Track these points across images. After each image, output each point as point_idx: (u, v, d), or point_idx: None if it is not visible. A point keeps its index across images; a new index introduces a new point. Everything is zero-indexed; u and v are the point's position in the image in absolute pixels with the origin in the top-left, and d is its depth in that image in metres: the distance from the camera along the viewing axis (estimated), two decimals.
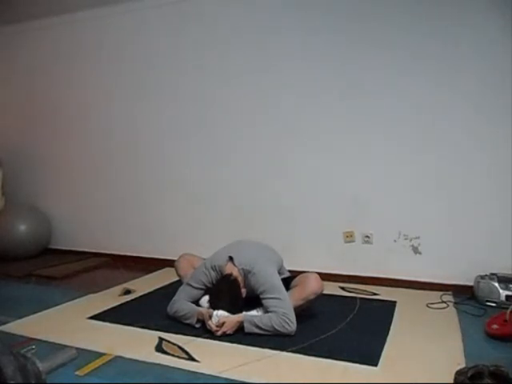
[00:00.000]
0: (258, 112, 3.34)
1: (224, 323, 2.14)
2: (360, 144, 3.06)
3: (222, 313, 2.17)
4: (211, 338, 2.14)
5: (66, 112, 4.12)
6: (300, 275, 2.42)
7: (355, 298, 2.76)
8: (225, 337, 2.13)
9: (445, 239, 2.88)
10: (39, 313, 2.57)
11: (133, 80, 3.78)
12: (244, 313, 2.25)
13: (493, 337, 2.10)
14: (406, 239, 2.98)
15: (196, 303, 2.40)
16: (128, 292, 2.99)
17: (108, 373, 1.82)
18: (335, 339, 2.13)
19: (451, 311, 2.51)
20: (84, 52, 3.97)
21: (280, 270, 2.47)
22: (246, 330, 2.15)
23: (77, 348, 1.99)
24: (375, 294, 2.84)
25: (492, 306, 2.52)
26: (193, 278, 2.42)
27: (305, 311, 2.30)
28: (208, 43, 3.47)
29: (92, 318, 2.48)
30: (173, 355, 1.98)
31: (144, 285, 3.14)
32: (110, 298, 2.84)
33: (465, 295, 2.71)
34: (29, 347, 1.99)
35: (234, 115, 3.43)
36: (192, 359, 1.94)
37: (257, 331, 2.14)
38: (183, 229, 3.69)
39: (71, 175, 4.18)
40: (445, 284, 2.85)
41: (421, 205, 2.92)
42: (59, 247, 4.26)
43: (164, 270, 3.52)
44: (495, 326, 2.12)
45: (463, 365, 1.76)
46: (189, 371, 1.83)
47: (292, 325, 2.14)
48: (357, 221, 3.10)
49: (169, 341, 2.13)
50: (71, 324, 2.40)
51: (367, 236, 3.08)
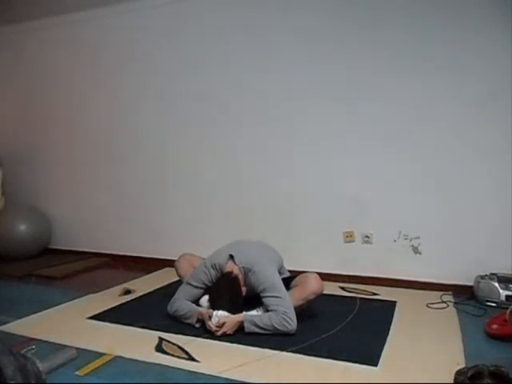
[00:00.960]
0: (259, 112, 3.35)
1: (224, 323, 2.14)
2: (360, 144, 3.06)
3: (222, 313, 2.17)
4: (211, 338, 2.14)
5: (67, 112, 4.12)
6: (300, 275, 2.42)
7: (355, 298, 2.76)
8: (225, 337, 2.13)
9: (445, 239, 2.88)
10: (39, 313, 2.57)
11: (133, 80, 3.78)
12: (244, 313, 2.25)
13: (493, 337, 2.10)
14: (406, 239, 2.98)
15: (196, 303, 2.40)
16: (128, 292, 2.99)
17: (108, 373, 1.82)
18: (335, 339, 2.13)
19: (451, 311, 2.51)
20: (84, 52, 3.97)
21: (280, 270, 2.47)
22: (247, 330, 2.15)
23: (77, 348, 1.99)
24: (375, 294, 2.84)
25: (492, 306, 2.53)
26: (193, 277, 2.42)
27: (305, 311, 2.30)
28: (208, 43, 3.46)
29: (92, 318, 2.48)
30: (173, 355, 1.98)
31: (144, 285, 3.14)
32: (110, 298, 2.84)
33: (465, 295, 2.71)
34: (29, 347, 1.98)
35: (235, 115, 3.43)
36: (192, 359, 1.94)
37: (257, 331, 2.14)
38: (183, 229, 3.69)
39: (71, 175, 4.18)
40: (445, 284, 2.85)
41: (421, 205, 2.92)
42: (59, 247, 4.26)
43: (164, 270, 3.52)
44: (495, 326, 2.12)
45: (463, 365, 1.76)
46: (189, 371, 1.83)
47: (292, 323, 2.14)
48: (357, 221, 3.10)
49: (169, 341, 2.13)
50: (71, 324, 2.40)
51: (367, 236, 3.08)
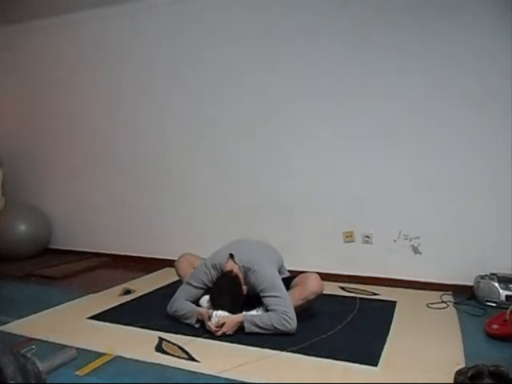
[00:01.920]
0: (259, 112, 3.34)
1: (224, 324, 2.14)
2: (360, 144, 3.06)
3: (222, 313, 2.17)
4: (211, 338, 2.14)
5: (67, 112, 4.12)
6: (300, 275, 2.42)
7: (355, 298, 2.76)
8: (225, 337, 2.13)
9: (445, 239, 2.88)
10: (39, 313, 2.57)
11: (133, 80, 3.78)
12: (244, 313, 2.25)
13: (493, 337, 2.10)
14: (406, 239, 2.98)
15: (196, 303, 2.40)
16: (128, 292, 2.99)
17: (108, 373, 1.82)
18: (335, 339, 2.12)
19: (451, 311, 2.51)
20: (85, 52, 3.97)
21: (280, 270, 2.47)
22: (247, 330, 2.15)
23: (77, 348, 1.99)
24: (375, 294, 2.84)
25: (492, 306, 2.52)
26: (193, 277, 2.42)
27: (305, 311, 2.30)
28: (208, 43, 3.46)
29: (92, 318, 2.48)
30: (173, 355, 1.98)
31: (144, 285, 3.14)
32: (110, 298, 2.84)
33: (465, 295, 2.71)
34: (29, 347, 1.99)
35: (235, 115, 3.43)
36: (192, 359, 1.94)
37: (257, 330, 2.14)
38: (183, 229, 3.69)
39: (71, 175, 4.17)
40: (445, 284, 2.85)
41: (421, 205, 2.92)
42: (59, 247, 4.26)
43: (164, 270, 3.52)
44: (495, 326, 2.12)
45: (463, 365, 1.76)
46: (189, 371, 1.83)
47: (292, 323, 2.14)
48: (357, 221, 3.10)
49: (169, 341, 2.13)
50: (71, 324, 2.40)
51: (367, 236, 3.08)
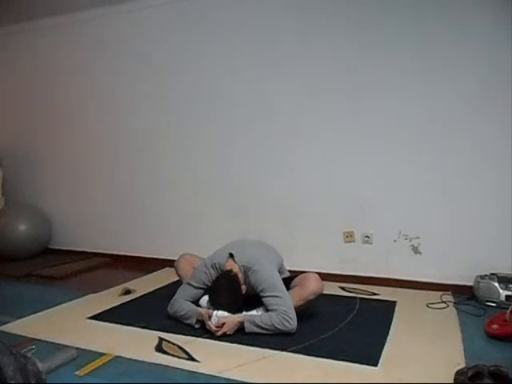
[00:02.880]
0: (259, 111, 3.34)
1: (224, 324, 2.14)
2: (360, 144, 3.06)
3: (222, 313, 2.17)
4: (211, 338, 2.14)
5: (67, 112, 4.12)
6: (300, 275, 2.42)
7: (355, 298, 2.75)
8: (225, 337, 2.13)
9: (445, 239, 2.88)
10: (39, 313, 2.57)
11: (133, 80, 3.78)
12: (244, 313, 2.25)
13: (493, 337, 2.10)
14: (406, 239, 2.98)
15: (196, 303, 2.40)
16: (128, 292, 2.99)
17: (108, 373, 1.82)
18: (335, 339, 2.12)
19: (451, 311, 2.51)
20: (84, 52, 3.97)
21: (280, 270, 2.47)
22: (247, 330, 2.15)
23: (77, 348, 1.99)
24: (375, 294, 2.84)
25: (492, 306, 2.52)
26: (193, 278, 2.42)
27: (305, 311, 2.30)
28: (208, 43, 3.46)
29: (92, 318, 2.48)
30: (173, 355, 1.98)
31: (144, 285, 3.14)
32: (110, 298, 2.84)
33: (465, 295, 2.71)
34: (29, 347, 1.99)
35: (235, 115, 3.43)
36: (192, 359, 1.94)
37: (257, 330, 2.14)
38: (183, 229, 3.69)
39: (71, 175, 4.17)
40: (445, 284, 2.85)
41: (421, 205, 2.92)
42: (59, 247, 4.26)
43: (164, 270, 3.52)
44: (495, 326, 2.12)
45: (463, 365, 1.76)
46: (189, 371, 1.83)
47: (292, 322, 2.14)
48: (357, 221, 3.10)
49: (169, 341, 2.13)
50: (71, 324, 2.39)
51: (367, 236, 3.08)
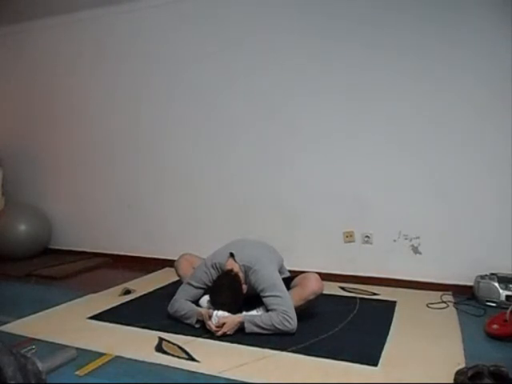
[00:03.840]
0: (259, 112, 3.34)
1: (224, 324, 2.14)
2: (360, 144, 3.06)
3: (222, 313, 2.17)
4: (211, 338, 2.14)
5: (67, 112, 4.12)
6: (300, 275, 2.42)
7: (355, 298, 2.75)
8: (225, 337, 2.13)
9: (445, 239, 2.88)
10: (39, 313, 2.57)
11: (133, 80, 3.78)
12: (244, 313, 2.25)
13: (493, 337, 2.10)
14: (406, 239, 2.98)
15: (196, 303, 2.40)
16: (128, 292, 2.99)
17: (108, 373, 1.82)
18: (335, 339, 2.12)
19: (451, 311, 2.51)
20: (84, 52, 3.97)
21: (280, 270, 2.47)
22: (247, 330, 2.15)
23: (77, 348, 1.99)
24: (375, 294, 2.84)
25: (492, 306, 2.53)
26: (193, 277, 2.42)
27: (305, 311, 2.30)
28: (209, 43, 3.46)
29: (92, 318, 2.47)
30: (173, 355, 1.98)
31: (144, 285, 3.14)
32: (110, 298, 2.84)
33: (465, 295, 2.71)
34: (29, 347, 1.99)
35: (235, 115, 3.43)
36: (192, 359, 1.94)
37: (257, 330, 2.14)
38: (183, 229, 3.69)
39: (71, 175, 4.17)
40: (445, 284, 2.85)
41: (421, 205, 2.92)
42: (59, 247, 4.26)
43: (164, 270, 3.52)
44: (495, 326, 2.12)
45: (463, 365, 1.76)
46: (189, 371, 1.83)
47: (292, 322, 2.13)
48: (357, 221, 3.10)
49: (169, 341, 2.13)
50: (71, 324, 2.39)
51: (367, 236, 3.08)
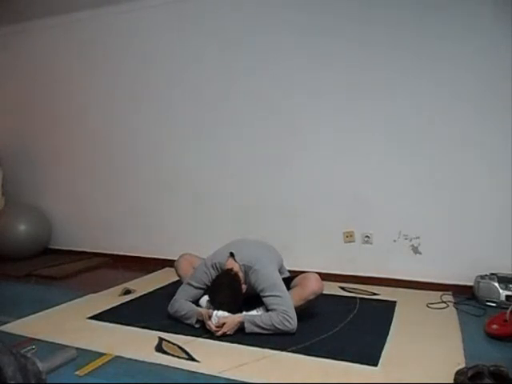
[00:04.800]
0: (259, 112, 3.34)
1: (224, 324, 2.14)
2: (360, 144, 3.06)
3: (222, 313, 2.17)
4: (211, 338, 2.14)
5: (66, 112, 4.12)
6: (300, 275, 2.42)
7: (355, 298, 2.75)
8: (225, 337, 2.13)
9: (445, 239, 2.88)
10: (39, 313, 2.57)
11: (133, 80, 3.78)
12: (244, 313, 2.25)
13: (493, 337, 2.10)
14: (406, 239, 2.98)
15: (196, 303, 2.40)
16: (128, 292, 2.99)
17: (108, 373, 1.82)
18: (335, 339, 2.12)
19: (451, 311, 2.51)
20: (84, 52, 3.96)
21: (280, 270, 2.47)
22: (247, 330, 2.15)
23: (77, 348, 1.99)
24: (375, 294, 2.84)
25: (492, 306, 2.52)
26: (193, 278, 2.42)
27: (305, 311, 2.30)
28: (209, 43, 3.46)
29: (92, 318, 2.48)
30: (173, 355, 1.98)
31: (144, 285, 3.14)
32: (110, 298, 2.84)
33: (465, 295, 2.71)
34: (29, 347, 1.99)
35: (235, 115, 3.43)
36: (192, 359, 1.94)
37: (257, 330, 2.14)
38: (183, 229, 3.69)
39: (71, 175, 4.17)
40: (445, 284, 2.84)
41: (421, 205, 2.92)
42: (59, 247, 4.26)
43: (164, 270, 3.52)
44: (495, 326, 2.12)
45: (463, 365, 1.76)
46: (189, 371, 1.83)
47: (292, 322, 2.13)
48: (357, 221, 3.10)
49: (169, 341, 2.13)
50: (71, 324, 2.39)
51: (367, 236, 3.08)
